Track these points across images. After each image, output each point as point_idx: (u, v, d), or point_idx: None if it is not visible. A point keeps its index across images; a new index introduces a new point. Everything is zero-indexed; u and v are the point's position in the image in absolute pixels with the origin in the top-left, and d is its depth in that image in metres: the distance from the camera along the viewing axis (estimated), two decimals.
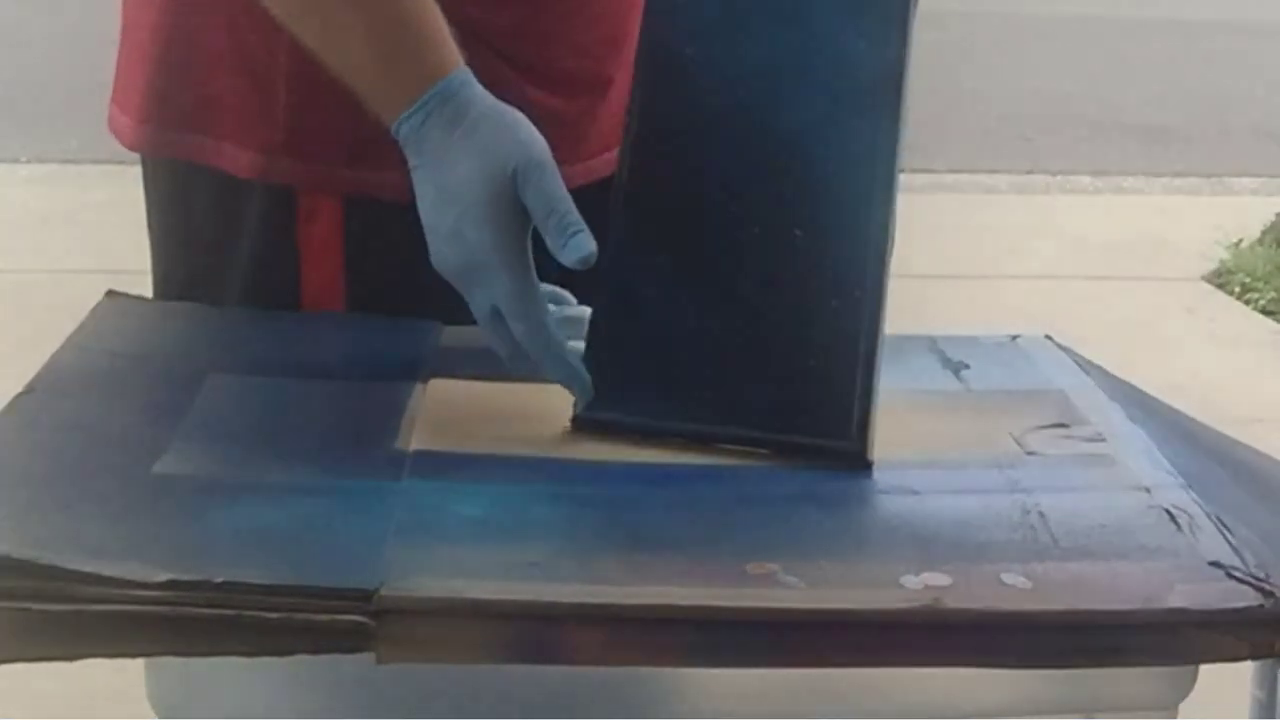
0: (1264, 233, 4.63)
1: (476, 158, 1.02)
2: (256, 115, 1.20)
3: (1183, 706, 0.97)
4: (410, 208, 1.07)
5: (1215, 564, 0.84)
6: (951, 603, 0.80)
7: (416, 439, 0.97)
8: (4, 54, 6.16)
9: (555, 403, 1.02)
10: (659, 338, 1.03)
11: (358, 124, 1.12)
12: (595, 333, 1.03)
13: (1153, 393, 1.15)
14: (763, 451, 0.99)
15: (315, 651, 0.78)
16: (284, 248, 1.20)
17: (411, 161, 1.05)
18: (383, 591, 0.78)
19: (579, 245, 0.99)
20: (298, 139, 1.19)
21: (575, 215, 1.01)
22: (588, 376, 1.02)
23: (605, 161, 1.19)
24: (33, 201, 4.69)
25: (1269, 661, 0.95)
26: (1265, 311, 4.20)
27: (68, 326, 1.12)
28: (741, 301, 1.03)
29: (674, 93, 1.04)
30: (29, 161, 5.13)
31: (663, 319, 1.03)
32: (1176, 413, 1.12)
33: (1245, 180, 5.53)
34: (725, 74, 1.04)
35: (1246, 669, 0.99)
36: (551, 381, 1.02)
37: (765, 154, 1.04)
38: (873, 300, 1.01)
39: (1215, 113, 6.32)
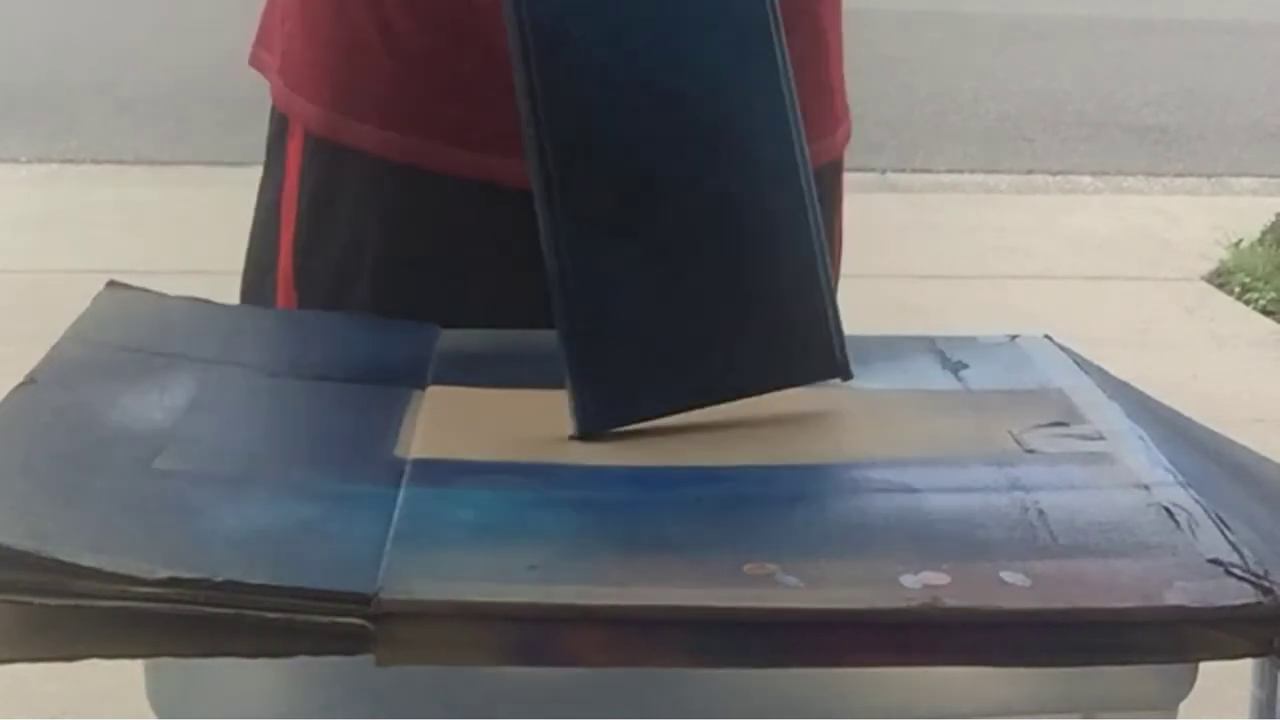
0: (1264, 233, 4.64)
1: None
2: (275, 34, 1.34)
3: (1183, 706, 0.97)
4: (370, 156, 1.21)
5: (1214, 561, 0.84)
6: (951, 601, 0.80)
7: (415, 447, 0.97)
8: (4, 54, 6.17)
9: (554, 410, 1.02)
10: (633, 329, 1.03)
11: (335, 70, 1.25)
12: (571, 343, 1.01)
13: (1153, 393, 1.15)
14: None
15: (315, 653, 0.78)
16: (278, 155, 1.33)
17: None
18: (381, 595, 0.78)
19: None
20: (287, 64, 1.31)
21: None
22: None
23: None
24: (33, 201, 4.70)
25: (1269, 661, 0.95)
26: (1265, 311, 4.21)
27: (68, 327, 1.12)
28: (701, 268, 1.03)
29: (572, 77, 1.02)
30: (29, 161, 5.14)
31: (631, 308, 1.03)
32: (1175, 413, 1.12)
33: (1245, 180, 5.54)
34: (616, 45, 1.03)
35: (1246, 668, 0.99)
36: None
37: (678, 116, 1.04)
38: (816, 223, 1.05)
39: (1215, 113, 6.33)
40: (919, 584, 0.81)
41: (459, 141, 1.23)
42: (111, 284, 1.17)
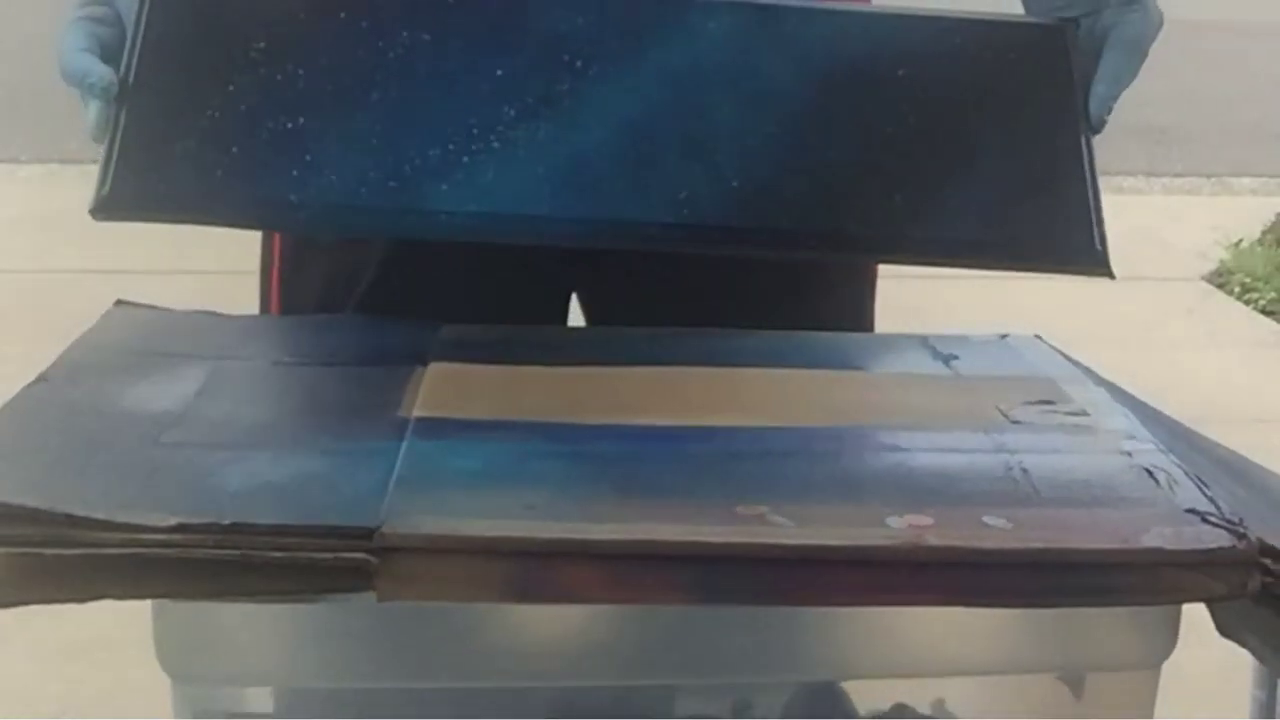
0: (1264, 233, 4.64)
1: None
2: None
3: (1182, 707, 0.98)
4: None
5: (1191, 510, 0.87)
6: (934, 540, 0.82)
7: (419, 408, 0.99)
8: (4, 54, 6.17)
9: (555, 382, 1.04)
10: None
11: None
12: None
13: (1153, 393, 1.16)
14: None
15: (318, 591, 0.80)
16: None
17: None
18: (384, 529, 0.80)
19: None
20: None
21: None
22: None
23: None
24: (33, 201, 4.70)
25: (1268, 662, 0.97)
26: (1265, 311, 4.20)
27: (70, 326, 1.13)
28: None
29: None
30: (29, 161, 5.14)
31: None
32: (1161, 413, 1.14)
33: (1245, 180, 5.54)
34: None
35: (1246, 670, 1.00)
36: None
37: None
38: None
39: (1215, 113, 6.33)
40: (904, 524, 0.83)
41: None
42: (119, 303, 1.19)
